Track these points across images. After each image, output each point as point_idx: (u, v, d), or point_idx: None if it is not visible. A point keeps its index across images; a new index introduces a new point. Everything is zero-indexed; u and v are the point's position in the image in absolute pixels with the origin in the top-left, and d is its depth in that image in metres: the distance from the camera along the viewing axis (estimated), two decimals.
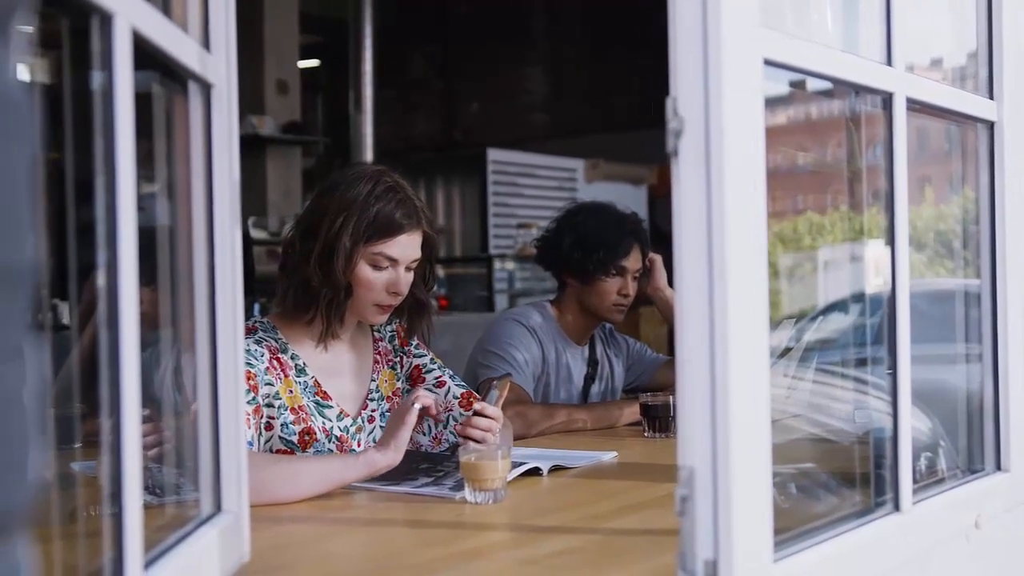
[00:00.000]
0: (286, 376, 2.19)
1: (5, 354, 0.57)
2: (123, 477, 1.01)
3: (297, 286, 2.20)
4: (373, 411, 2.33)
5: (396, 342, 2.43)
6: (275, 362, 2.19)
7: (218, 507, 1.38)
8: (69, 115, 1.07)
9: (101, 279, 1.00)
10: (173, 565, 1.16)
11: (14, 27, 0.59)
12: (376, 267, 2.20)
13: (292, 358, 2.23)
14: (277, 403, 2.16)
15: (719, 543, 1.17)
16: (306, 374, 2.23)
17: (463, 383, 2.43)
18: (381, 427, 2.31)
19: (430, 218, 2.29)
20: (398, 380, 2.40)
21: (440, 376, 2.41)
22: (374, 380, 2.35)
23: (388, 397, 2.37)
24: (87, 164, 1.03)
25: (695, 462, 1.19)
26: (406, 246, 2.22)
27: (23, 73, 0.61)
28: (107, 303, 1.00)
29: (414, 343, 2.45)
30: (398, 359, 2.42)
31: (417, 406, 1.99)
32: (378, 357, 2.38)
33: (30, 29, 0.64)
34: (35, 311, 0.61)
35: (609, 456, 2.37)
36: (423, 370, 2.42)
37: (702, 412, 1.17)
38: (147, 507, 1.08)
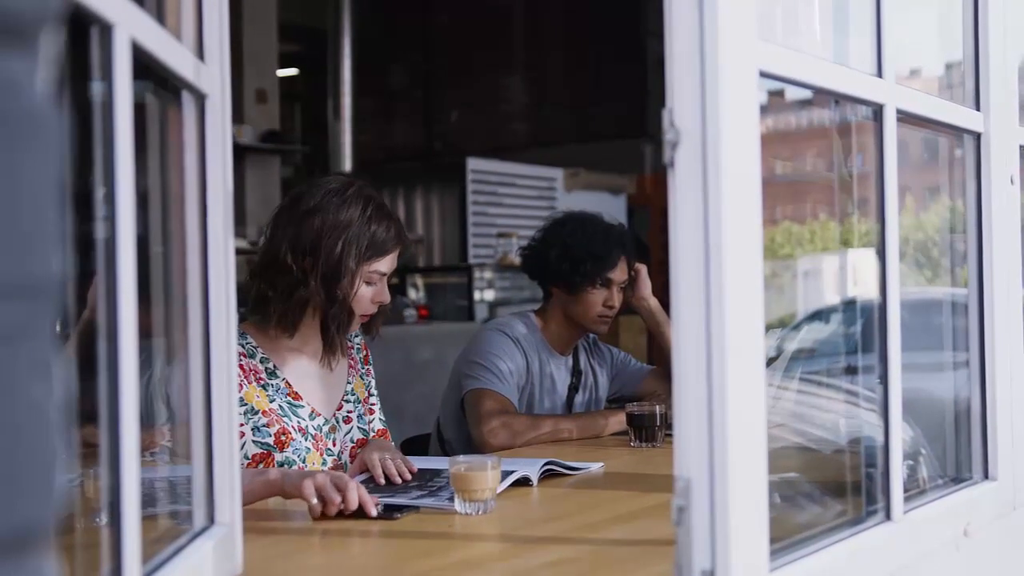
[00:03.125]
0: (251, 383, 2.24)
1: (34, 368, 0.57)
2: (122, 490, 1.00)
3: (298, 304, 2.26)
4: (349, 412, 2.41)
5: (361, 355, 2.52)
6: (238, 368, 2.21)
7: (211, 519, 1.37)
8: (67, 124, 1.06)
9: (100, 290, 1.00)
10: None
11: (41, 43, 0.59)
12: (369, 283, 2.30)
13: (262, 362, 2.28)
14: (243, 408, 2.20)
15: (716, 553, 1.17)
16: (277, 376, 2.29)
17: (384, 419, 2.53)
18: (359, 428, 2.41)
19: (406, 230, 2.42)
20: (366, 390, 2.49)
21: (374, 404, 2.52)
22: (350, 383, 2.43)
23: (363, 401, 2.46)
24: (80, 173, 1.03)
25: (692, 472, 1.18)
26: (394, 260, 2.34)
27: (50, 86, 0.61)
28: (106, 314, 0.99)
29: (371, 363, 2.55)
30: (365, 370, 2.52)
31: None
32: (351, 363, 2.47)
33: (58, 41, 0.64)
34: (56, 325, 0.61)
35: (597, 467, 2.37)
36: (370, 390, 2.53)
37: (699, 422, 1.17)
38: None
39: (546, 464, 2.21)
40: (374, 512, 1.84)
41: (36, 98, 0.59)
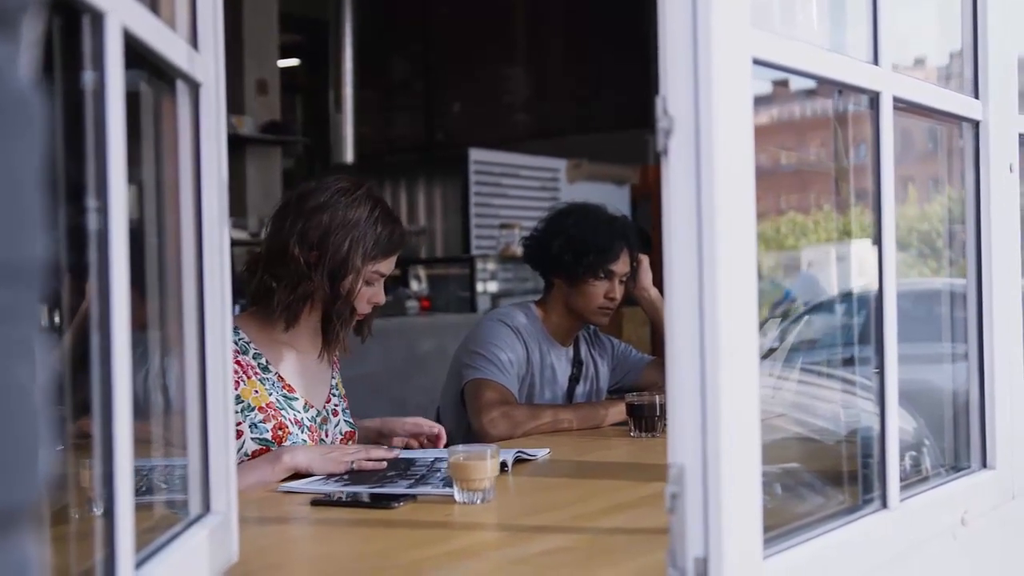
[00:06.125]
0: (249, 378, 2.27)
1: (17, 350, 0.57)
2: (115, 478, 1.00)
3: (301, 298, 2.29)
4: (336, 405, 2.45)
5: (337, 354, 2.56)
6: (235, 365, 2.24)
7: (207, 507, 1.37)
8: (58, 115, 1.06)
9: (92, 281, 1.00)
10: (163, 565, 1.15)
11: (23, 27, 0.59)
12: (369, 283, 2.33)
13: (254, 357, 2.31)
14: (240, 406, 2.22)
15: (709, 540, 1.17)
16: (270, 371, 2.31)
17: (351, 421, 2.52)
18: (345, 420, 2.46)
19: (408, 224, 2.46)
20: (343, 386, 2.54)
21: (338, 405, 2.51)
22: (334, 378, 2.48)
23: (344, 396, 2.50)
24: (73, 164, 1.03)
25: (685, 459, 1.18)
26: (393, 262, 2.38)
27: (31, 72, 0.61)
28: (99, 305, 0.99)
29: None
30: (339, 368, 2.56)
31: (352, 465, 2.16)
32: (335, 359, 2.50)
33: (39, 27, 0.64)
34: (41, 309, 0.61)
35: (543, 452, 2.39)
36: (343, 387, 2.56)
37: (692, 409, 1.18)
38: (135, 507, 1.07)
39: (516, 457, 2.25)
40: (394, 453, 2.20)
41: (18, 83, 0.59)
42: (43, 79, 1.05)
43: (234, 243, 6.12)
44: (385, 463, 2.17)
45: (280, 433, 2.25)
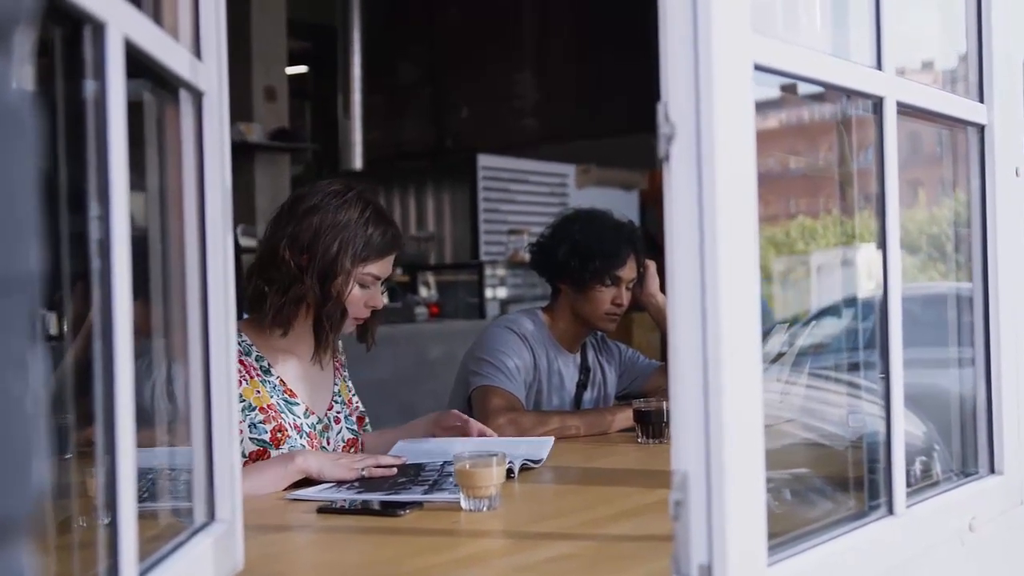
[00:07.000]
0: (252, 378, 2.28)
1: (9, 362, 0.57)
2: (118, 487, 1.00)
3: (293, 301, 2.29)
4: (338, 413, 2.46)
5: (344, 359, 2.57)
6: (238, 365, 2.25)
7: (212, 516, 1.37)
8: (60, 124, 1.06)
9: (95, 289, 1.00)
10: (168, 574, 1.15)
11: (17, 38, 0.59)
12: (362, 286, 2.33)
13: (257, 360, 2.32)
14: (241, 405, 2.23)
15: (713, 547, 1.17)
16: (272, 374, 2.32)
17: (354, 428, 2.52)
18: (347, 428, 2.46)
19: (403, 237, 2.47)
20: (350, 392, 2.53)
21: (358, 407, 2.55)
22: (336, 384, 2.48)
23: (348, 402, 2.50)
24: (76, 172, 1.03)
25: (689, 466, 1.19)
26: (388, 265, 2.37)
27: (25, 83, 0.61)
28: (101, 313, 1.00)
29: (346, 367, 2.57)
30: (346, 372, 2.56)
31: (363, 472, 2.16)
32: (337, 366, 2.51)
33: (32, 39, 0.64)
34: (36, 320, 0.61)
35: (547, 443, 2.40)
36: (352, 392, 2.56)
37: (696, 416, 1.17)
38: (139, 515, 1.08)
39: (523, 465, 2.25)
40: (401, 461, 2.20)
41: (11, 96, 0.59)
42: (45, 89, 1.05)
43: (244, 250, 6.13)
44: (395, 470, 2.17)
45: (279, 436, 2.26)
